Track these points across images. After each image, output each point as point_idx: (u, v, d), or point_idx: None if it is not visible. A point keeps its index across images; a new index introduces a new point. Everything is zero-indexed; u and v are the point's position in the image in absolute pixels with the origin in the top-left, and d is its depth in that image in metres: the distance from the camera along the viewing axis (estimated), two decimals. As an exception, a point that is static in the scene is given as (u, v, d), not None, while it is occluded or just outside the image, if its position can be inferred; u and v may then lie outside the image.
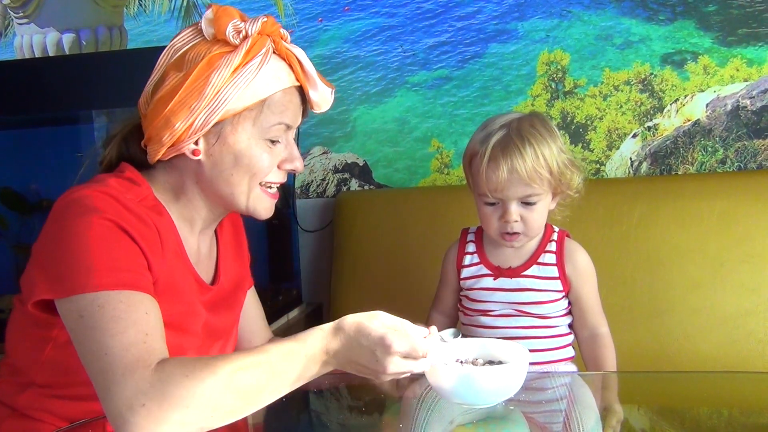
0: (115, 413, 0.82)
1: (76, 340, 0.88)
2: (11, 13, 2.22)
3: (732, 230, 1.65)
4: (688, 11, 1.83)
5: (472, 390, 0.96)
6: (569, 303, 1.34)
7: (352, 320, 0.92)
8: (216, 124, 0.97)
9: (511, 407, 1.02)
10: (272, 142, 1.02)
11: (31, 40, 2.20)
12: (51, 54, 2.18)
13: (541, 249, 1.32)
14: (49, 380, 1.00)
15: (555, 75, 1.91)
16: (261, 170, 1.01)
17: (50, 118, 1.83)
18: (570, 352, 1.34)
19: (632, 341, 1.63)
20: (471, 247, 1.37)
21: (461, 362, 1.03)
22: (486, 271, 1.34)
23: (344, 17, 2.03)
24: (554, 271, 1.31)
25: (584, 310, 1.33)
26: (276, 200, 1.07)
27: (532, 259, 1.32)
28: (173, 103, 0.95)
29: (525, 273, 1.31)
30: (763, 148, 1.81)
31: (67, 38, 2.18)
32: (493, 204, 1.27)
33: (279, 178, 1.05)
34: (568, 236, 1.36)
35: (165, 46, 1.02)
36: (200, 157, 0.99)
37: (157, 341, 0.87)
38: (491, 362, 1.03)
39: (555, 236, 1.34)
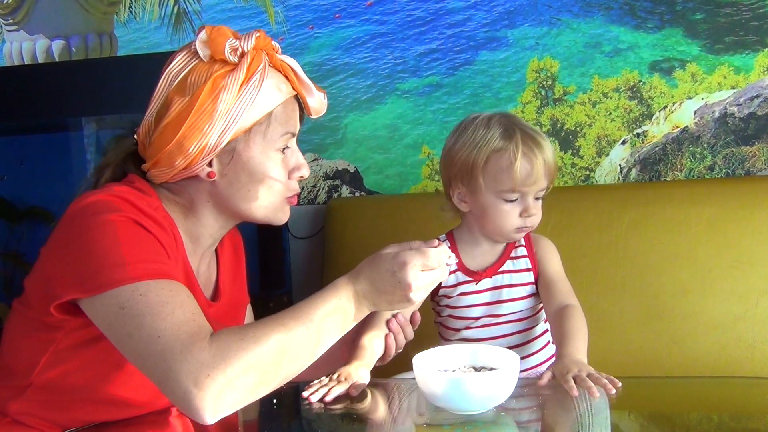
0: (182, 391, 0.83)
1: (118, 333, 0.88)
2: (0, 20, 2.21)
3: (720, 236, 1.66)
4: (676, 19, 1.84)
5: (463, 396, 0.96)
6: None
7: (365, 259, 0.99)
8: (228, 143, 0.99)
9: (502, 413, 1.02)
10: (282, 151, 1.04)
11: (21, 47, 2.20)
12: (41, 61, 2.17)
13: (512, 244, 1.34)
14: (45, 385, 0.99)
15: (545, 82, 1.92)
16: (276, 180, 1.03)
17: (40, 125, 1.82)
18: (551, 350, 1.34)
19: (622, 347, 1.63)
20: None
21: (447, 370, 1.03)
22: (464, 277, 1.33)
23: (335, 24, 2.03)
24: (527, 263, 1.33)
25: (551, 286, 1.29)
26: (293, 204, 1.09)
27: (505, 255, 1.34)
28: (185, 127, 0.96)
29: (501, 269, 1.33)
30: (750, 154, 1.82)
31: (57, 45, 2.17)
32: (512, 201, 1.26)
33: (296, 188, 1.08)
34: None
35: (155, 54, 1.02)
36: (215, 178, 1.01)
37: (203, 318, 0.90)
38: (482, 368, 1.04)
39: None
